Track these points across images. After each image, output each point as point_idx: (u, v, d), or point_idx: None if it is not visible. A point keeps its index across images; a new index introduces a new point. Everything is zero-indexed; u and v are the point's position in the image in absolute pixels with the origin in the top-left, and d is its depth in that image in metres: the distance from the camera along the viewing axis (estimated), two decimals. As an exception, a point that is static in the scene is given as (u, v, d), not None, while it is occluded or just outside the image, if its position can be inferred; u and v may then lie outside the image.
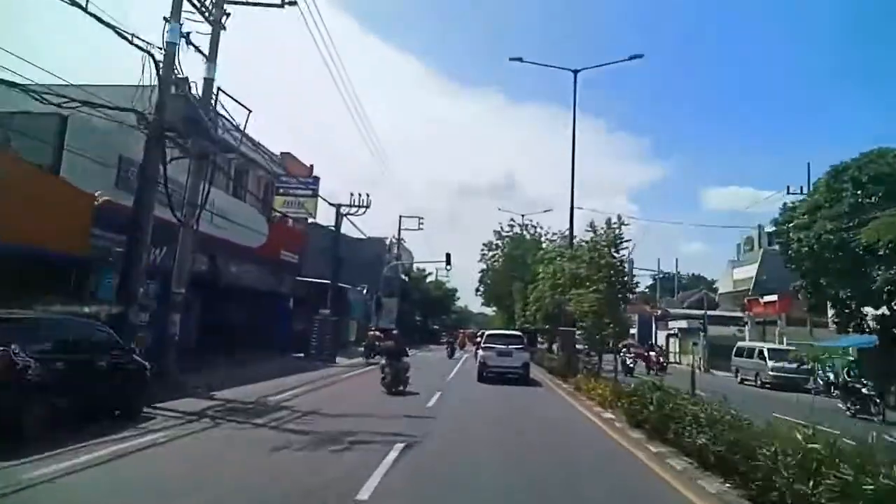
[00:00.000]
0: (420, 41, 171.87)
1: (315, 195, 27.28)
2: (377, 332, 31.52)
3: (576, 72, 22.39)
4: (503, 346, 20.72)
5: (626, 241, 14.03)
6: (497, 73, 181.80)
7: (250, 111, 14.56)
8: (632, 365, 24.30)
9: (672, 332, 51.56)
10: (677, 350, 48.09)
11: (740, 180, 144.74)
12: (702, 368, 36.88)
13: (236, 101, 14.47)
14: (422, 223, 47.78)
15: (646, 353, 29.53)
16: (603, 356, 16.67)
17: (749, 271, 53.91)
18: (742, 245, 63.31)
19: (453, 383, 19.73)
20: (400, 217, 48.38)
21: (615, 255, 13.87)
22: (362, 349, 31.20)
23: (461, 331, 62.88)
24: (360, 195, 27.81)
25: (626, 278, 13.91)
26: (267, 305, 24.84)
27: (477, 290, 48.34)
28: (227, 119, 15.23)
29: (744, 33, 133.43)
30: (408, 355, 17.30)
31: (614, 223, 14.24)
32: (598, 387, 13.66)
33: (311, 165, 41.26)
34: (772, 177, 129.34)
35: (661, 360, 28.21)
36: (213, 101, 14.44)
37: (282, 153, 37.65)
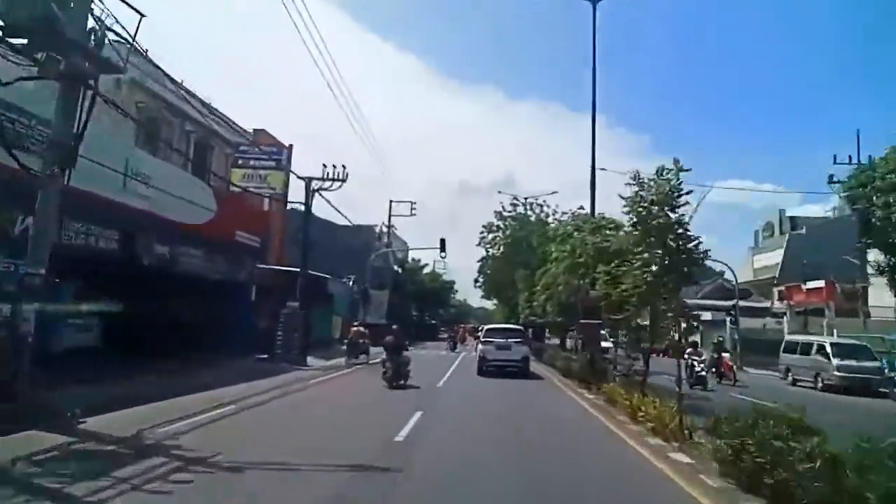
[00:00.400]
0: (420, 40, 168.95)
1: (280, 168, 22.88)
2: (361, 328, 27.43)
3: (594, 2, 18.06)
4: (502, 340, 20.75)
5: (686, 192, 9.66)
6: (496, 69, 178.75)
7: (142, 16, 10.14)
8: (703, 373, 17.74)
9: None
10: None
11: (740, 175, 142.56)
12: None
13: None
14: (414, 209, 43.48)
15: (714, 357, 22.52)
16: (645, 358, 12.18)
17: (772, 258, 49.76)
18: (761, 231, 59.25)
19: (444, 391, 15.42)
20: (390, 202, 44.10)
21: (671, 213, 9.47)
22: (345, 347, 27.01)
23: (461, 326, 61.55)
24: (334, 167, 23.42)
25: (691, 245, 9.46)
26: (220, 297, 20.47)
27: (476, 280, 43.89)
28: (117, 33, 10.81)
29: (744, 33, 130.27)
30: (408, 350, 17.69)
31: (668, 171, 9.82)
32: (649, 404, 9.31)
33: (291, 146, 37.24)
34: (770, 173, 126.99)
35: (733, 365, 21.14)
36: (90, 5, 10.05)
37: (255, 129, 33.35)
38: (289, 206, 36.21)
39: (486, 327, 25.11)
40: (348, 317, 37.08)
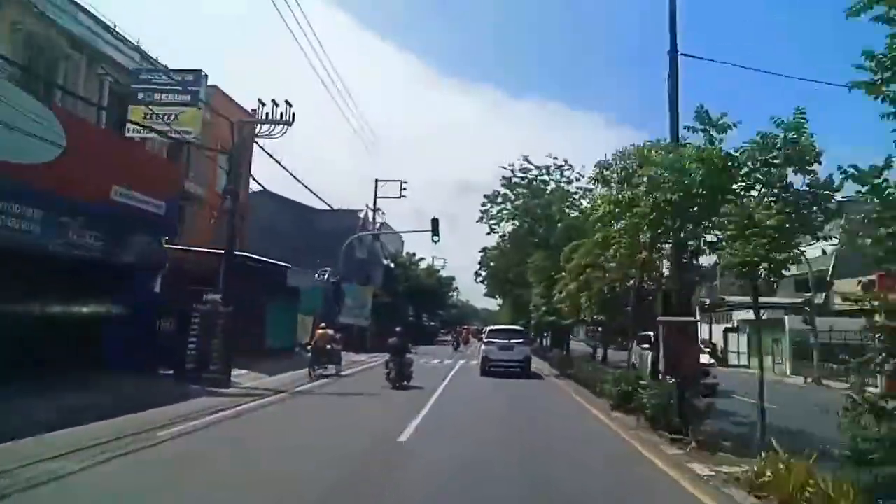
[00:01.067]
0: (419, 40, 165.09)
1: (196, 103, 16.08)
2: (330, 332, 20.74)
3: None
4: (505, 341, 21.08)
5: None
6: (496, 68, 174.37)
7: None
8: None
9: (730, 325, 40.15)
10: (743, 350, 36.62)
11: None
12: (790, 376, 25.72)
13: None
14: (405, 189, 36.58)
15: None
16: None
17: (813, 248, 42.59)
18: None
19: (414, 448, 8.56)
20: (376, 181, 37.13)
21: None
22: (310, 355, 20.50)
23: (464, 327, 61.68)
24: (275, 104, 16.66)
25: None
26: (94, 287, 13.70)
27: (476, 274, 36.87)
28: None
29: (745, 30, 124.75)
30: (411, 352, 18.41)
31: None
32: None
33: (255, 110, 30.71)
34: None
35: None
36: None
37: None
38: (255, 186, 29.77)
39: (488, 328, 25.57)
40: (322, 318, 30.31)
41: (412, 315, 55.40)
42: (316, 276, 31.26)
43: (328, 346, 20.58)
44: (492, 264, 35.53)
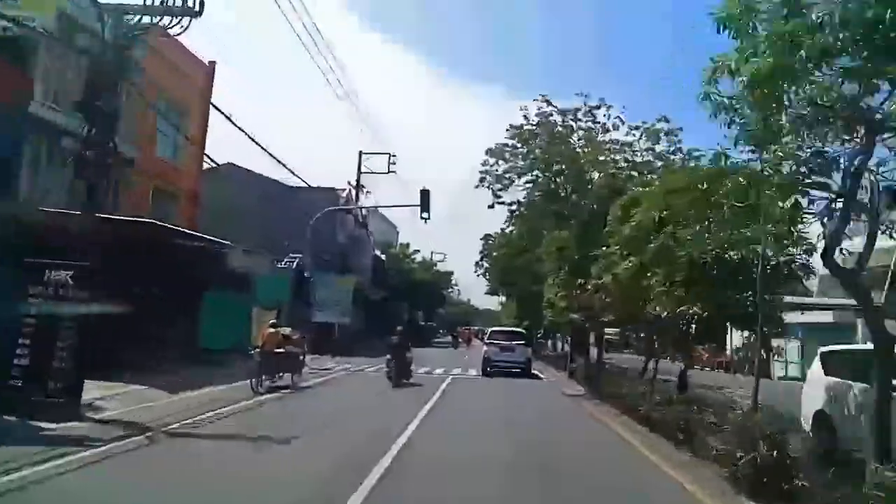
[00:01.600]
0: (424, 40, 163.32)
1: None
2: (285, 330, 16.44)
3: None
4: (506, 342, 22.01)
5: None
6: (503, 67, 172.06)
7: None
8: None
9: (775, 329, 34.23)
10: (794, 360, 30.70)
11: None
12: None
13: None
14: (394, 162, 31.03)
15: None
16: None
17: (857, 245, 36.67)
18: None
19: None
20: (360, 153, 31.49)
21: None
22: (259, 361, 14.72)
23: (466, 328, 63.02)
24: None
25: None
26: None
27: (477, 264, 31.32)
28: None
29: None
30: (411, 350, 18.19)
31: None
32: None
33: (213, 63, 25.93)
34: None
35: None
36: None
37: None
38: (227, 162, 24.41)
39: (491, 330, 26.38)
40: (289, 313, 24.60)
41: (408, 318, 49.74)
42: (283, 262, 25.67)
43: (280, 350, 15.48)
44: (495, 254, 30.07)
